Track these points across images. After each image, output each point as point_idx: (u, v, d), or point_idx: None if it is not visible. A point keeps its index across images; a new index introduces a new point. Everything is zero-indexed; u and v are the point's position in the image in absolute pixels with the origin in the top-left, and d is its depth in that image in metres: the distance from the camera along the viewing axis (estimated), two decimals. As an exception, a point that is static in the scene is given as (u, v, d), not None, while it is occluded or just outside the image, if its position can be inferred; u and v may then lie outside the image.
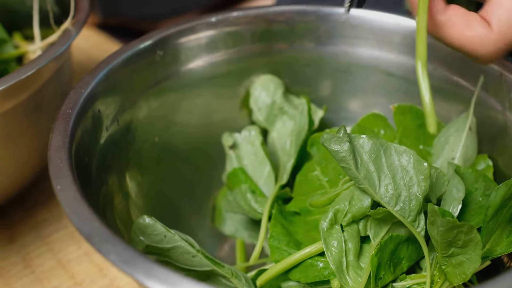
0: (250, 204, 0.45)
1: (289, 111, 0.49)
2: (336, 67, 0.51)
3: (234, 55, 0.50)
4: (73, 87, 0.41)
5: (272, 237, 0.42)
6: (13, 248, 0.51)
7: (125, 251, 0.29)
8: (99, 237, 0.30)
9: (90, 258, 0.50)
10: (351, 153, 0.37)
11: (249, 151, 0.49)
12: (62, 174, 0.34)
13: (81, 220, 0.31)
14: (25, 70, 0.44)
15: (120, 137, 0.44)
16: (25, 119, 0.48)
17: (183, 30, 0.48)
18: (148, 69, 0.46)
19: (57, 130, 0.37)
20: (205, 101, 0.50)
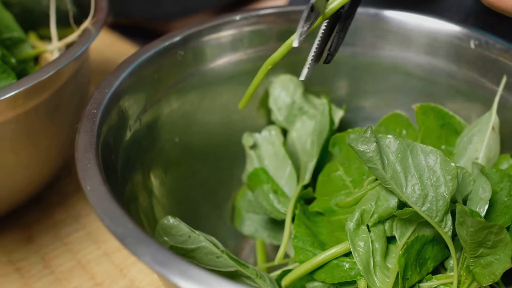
0: (272, 205, 0.45)
1: (309, 111, 0.49)
2: (355, 67, 0.51)
3: (254, 54, 0.50)
4: (97, 87, 0.41)
5: (296, 238, 0.41)
6: (32, 248, 0.51)
7: (159, 252, 0.29)
8: (132, 239, 0.30)
9: (109, 258, 0.50)
10: (378, 153, 0.37)
11: (269, 151, 0.49)
12: (91, 174, 0.34)
13: (113, 221, 0.31)
14: (47, 69, 0.43)
15: (143, 136, 0.44)
16: (45, 119, 0.47)
17: (204, 29, 0.47)
18: (170, 69, 0.46)
19: (83, 130, 0.37)
20: (225, 100, 0.50)
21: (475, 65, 0.47)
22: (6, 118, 0.44)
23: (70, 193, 0.57)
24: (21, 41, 0.53)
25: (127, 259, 0.50)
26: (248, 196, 0.50)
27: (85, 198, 0.53)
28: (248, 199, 0.48)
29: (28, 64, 0.52)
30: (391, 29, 0.49)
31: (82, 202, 0.56)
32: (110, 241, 0.51)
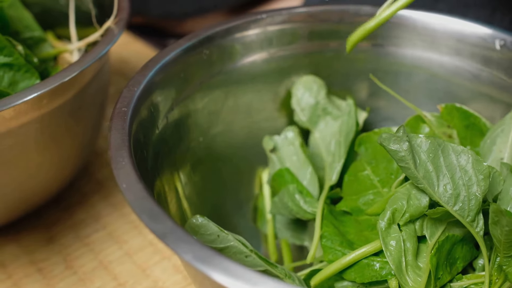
0: (299, 205, 0.45)
1: (333, 112, 0.49)
2: (377, 67, 0.51)
3: (277, 54, 0.50)
4: (126, 85, 0.41)
5: (325, 237, 0.41)
6: (54, 248, 0.51)
7: (201, 250, 0.29)
8: (173, 236, 0.30)
9: (131, 259, 0.50)
10: (410, 152, 0.37)
11: (290, 153, 0.49)
12: (126, 172, 0.34)
13: (152, 219, 0.31)
14: (73, 69, 0.43)
15: (170, 135, 0.44)
16: (68, 119, 0.47)
17: (229, 29, 0.47)
18: (196, 67, 0.46)
19: (115, 128, 0.37)
20: (247, 100, 0.50)
21: (500, 65, 0.47)
22: (31, 118, 0.43)
23: (89, 193, 0.56)
24: (41, 40, 0.52)
25: (150, 259, 0.49)
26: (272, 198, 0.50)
27: (104, 198, 0.53)
28: (272, 201, 0.48)
29: (48, 63, 0.52)
30: (415, 30, 0.49)
31: (102, 202, 0.55)
32: (131, 241, 0.51)
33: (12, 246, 0.51)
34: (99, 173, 0.59)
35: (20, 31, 0.51)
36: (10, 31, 0.49)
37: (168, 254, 0.50)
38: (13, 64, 0.45)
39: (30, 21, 0.53)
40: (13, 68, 0.45)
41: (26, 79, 0.46)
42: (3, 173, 0.45)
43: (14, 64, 0.45)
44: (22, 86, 0.46)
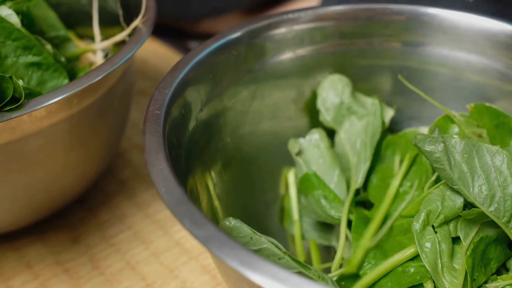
0: (325, 211, 0.45)
1: (358, 111, 0.49)
2: (403, 66, 0.51)
3: (302, 54, 0.50)
4: (156, 88, 0.40)
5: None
6: (79, 249, 0.51)
7: (246, 255, 0.29)
8: (216, 241, 0.30)
9: (158, 259, 0.50)
10: (445, 153, 0.37)
11: (316, 156, 0.49)
12: (164, 176, 0.33)
13: (194, 224, 0.31)
14: (104, 68, 0.43)
15: (199, 136, 0.43)
16: (95, 119, 0.47)
17: (257, 28, 0.47)
18: (223, 68, 0.46)
19: (149, 131, 0.37)
20: (273, 100, 0.50)
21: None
22: (61, 118, 0.43)
23: (112, 193, 0.56)
24: (66, 40, 0.52)
25: (177, 260, 0.49)
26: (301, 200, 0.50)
27: (128, 198, 0.53)
28: (302, 204, 0.48)
29: (74, 63, 0.52)
30: (442, 28, 0.49)
31: (126, 202, 0.55)
32: (157, 241, 0.51)
33: (38, 246, 0.51)
34: (122, 173, 0.59)
35: (45, 31, 0.51)
36: (36, 31, 0.49)
37: (195, 254, 0.50)
38: (41, 64, 0.45)
39: (54, 21, 0.52)
40: (41, 68, 0.45)
41: (54, 79, 0.46)
42: (31, 174, 0.45)
43: (43, 63, 0.45)
44: (51, 86, 0.46)
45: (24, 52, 0.45)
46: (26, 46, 0.45)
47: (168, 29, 0.81)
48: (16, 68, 0.45)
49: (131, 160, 0.60)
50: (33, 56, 0.45)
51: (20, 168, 0.44)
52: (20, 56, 0.45)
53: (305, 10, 0.49)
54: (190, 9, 0.76)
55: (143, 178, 0.58)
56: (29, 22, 0.49)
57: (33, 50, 0.45)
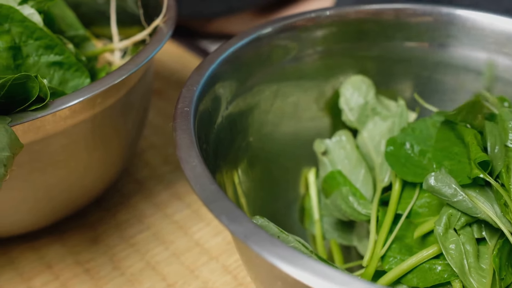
0: (353, 207, 0.45)
1: (382, 112, 0.49)
2: (424, 66, 0.51)
3: (325, 53, 0.50)
4: (184, 85, 0.40)
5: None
6: (99, 249, 0.50)
7: (286, 251, 0.29)
8: (256, 237, 0.29)
9: (179, 259, 0.49)
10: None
11: (341, 156, 0.49)
12: (198, 174, 0.33)
13: (232, 220, 0.30)
14: (128, 67, 0.43)
15: (224, 135, 0.43)
16: (116, 119, 0.47)
17: (280, 27, 0.47)
18: (247, 66, 0.46)
19: (180, 128, 0.37)
20: (294, 100, 0.50)
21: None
22: (84, 118, 0.43)
23: (130, 193, 0.56)
24: (85, 39, 0.52)
25: (197, 260, 0.49)
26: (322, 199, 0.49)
27: (146, 198, 0.53)
28: (324, 203, 0.48)
29: (93, 62, 0.51)
30: (464, 29, 0.49)
31: (144, 202, 0.55)
32: (177, 241, 0.51)
33: (57, 247, 0.50)
34: (139, 173, 0.58)
35: (64, 30, 0.50)
36: (56, 30, 0.49)
37: (215, 254, 0.49)
38: (63, 63, 0.45)
39: (73, 20, 0.52)
40: (63, 67, 0.45)
41: (76, 78, 0.45)
42: (54, 174, 0.45)
43: (65, 62, 0.45)
44: (72, 85, 0.45)
45: (46, 52, 0.44)
46: (48, 45, 0.44)
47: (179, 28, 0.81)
48: (38, 68, 0.45)
49: (148, 160, 0.60)
50: (55, 56, 0.45)
51: (43, 168, 0.44)
52: (42, 55, 0.44)
53: (327, 10, 0.49)
54: (205, 8, 0.76)
55: (160, 178, 0.57)
56: (49, 21, 0.48)
57: (55, 49, 0.45)
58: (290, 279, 0.29)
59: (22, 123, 0.38)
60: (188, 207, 0.54)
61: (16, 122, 0.38)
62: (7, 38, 0.43)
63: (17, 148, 0.38)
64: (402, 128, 0.46)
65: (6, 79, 0.38)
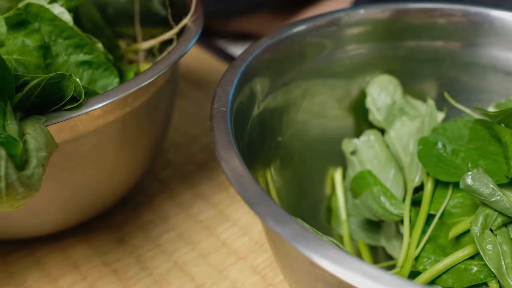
0: (384, 207, 0.44)
1: (410, 112, 0.49)
2: (452, 66, 0.51)
3: (352, 53, 0.49)
4: (218, 85, 0.40)
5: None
6: (126, 249, 0.50)
7: (335, 253, 0.28)
8: (303, 238, 0.29)
9: (206, 260, 0.49)
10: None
11: (370, 156, 0.48)
12: (240, 175, 0.33)
13: (279, 222, 0.30)
14: (160, 66, 0.43)
15: (256, 135, 0.43)
16: (145, 119, 0.47)
17: (309, 28, 0.47)
18: (277, 66, 0.45)
19: (218, 128, 0.36)
20: (322, 99, 0.50)
21: None
22: (115, 117, 0.43)
23: (154, 193, 0.56)
24: (111, 39, 0.52)
25: (225, 260, 0.49)
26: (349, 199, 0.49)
27: (170, 198, 0.52)
28: (353, 203, 0.48)
29: (120, 62, 0.51)
30: (492, 28, 0.49)
31: (168, 202, 0.55)
32: (204, 242, 0.51)
33: (83, 247, 0.50)
34: (162, 173, 0.58)
35: (91, 30, 0.50)
36: (84, 29, 0.48)
37: (243, 255, 0.49)
38: (92, 62, 0.44)
39: (99, 20, 0.52)
40: (92, 66, 0.44)
41: (105, 78, 0.45)
42: (83, 174, 0.44)
43: (94, 62, 0.44)
44: (101, 84, 0.45)
45: (76, 51, 0.44)
46: (78, 44, 0.44)
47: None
48: (67, 67, 0.44)
49: (170, 159, 0.59)
50: (84, 55, 0.44)
51: (73, 168, 0.43)
52: (71, 54, 0.44)
53: (355, 9, 0.49)
54: (228, 6, 0.75)
55: (183, 178, 0.57)
56: (78, 21, 0.48)
57: (85, 48, 0.44)
58: (335, 281, 0.29)
59: (56, 123, 0.38)
60: (213, 207, 0.54)
61: (51, 121, 0.38)
62: (36, 37, 0.42)
63: (53, 148, 0.37)
64: (434, 128, 0.45)
65: (41, 78, 0.37)
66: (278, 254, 0.38)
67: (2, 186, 0.32)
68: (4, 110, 0.36)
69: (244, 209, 0.54)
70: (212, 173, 0.58)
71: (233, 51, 0.77)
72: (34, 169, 0.34)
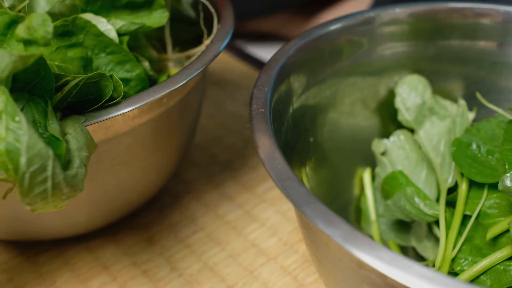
0: (419, 208, 0.44)
1: (440, 112, 0.49)
2: (480, 65, 0.51)
3: (381, 52, 0.49)
4: (254, 86, 0.40)
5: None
6: (155, 250, 0.50)
7: (389, 254, 0.28)
8: (355, 241, 0.29)
9: (236, 260, 0.49)
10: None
11: (401, 156, 0.48)
12: (286, 176, 0.33)
13: (327, 223, 0.30)
14: (195, 66, 0.43)
15: (290, 136, 0.43)
16: (178, 118, 0.47)
17: (339, 28, 0.47)
18: (311, 66, 0.45)
19: (258, 130, 0.36)
20: (352, 99, 0.50)
21: None
22: (150, 118, 0.43)
23: (180, 194, 0.56)
24: (143, 47, 0.51)
25: (255, 261, 0.49)
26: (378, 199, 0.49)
27: (196, 199, 0.52)
28: (385, 204, 0.48)
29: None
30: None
31: (194, 203, 0.55)
32: (233, 242, 0.51)
33: (112, 248, 0.50)
34: (187, 173, 0.58)
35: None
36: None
37: (273, 255, 0.49)
38: (130, 80, 0.44)
39: (141, 39, 0.52)
40: (128, 84, 0.44)
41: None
42: (116, 174, 0.44)
43: (132, 79, 0.44)
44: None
45: (117, 66, 0.44)
46: (121, 60, 0.43)
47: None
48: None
49: (195, 160, 0.59)
50: (124, 72, 0.44)
51: (106, 169, 0.43)
52: (111, 70, 0.44)
53: (384, 9, 0.49)
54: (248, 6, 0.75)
55: (208, 179, 0.57)
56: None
57: (126, 65, 0.44)
58: (382, 282, 0.29)
59: (94, 123, 0.38)
60: (239, 207, 0.54)
61: (90, 121, 0.38)
62: (78, 50, 0.42)
63: (92, 148, 0.37)
64: (467, 129, 0.45)
65: (80, 77, 0.37)
66: (319, 255, 0.37)
67: (49, 186, 0.32)
68: (45, 110, 0.36)
69: (271, 209, 0.54)
70: (236, 173, 0.58)
71: (252, 51, 0.77)
72: (77, 169, 0.34)
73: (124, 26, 0.44)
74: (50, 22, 0.32)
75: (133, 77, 0.44)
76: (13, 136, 0.31)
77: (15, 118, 0.31)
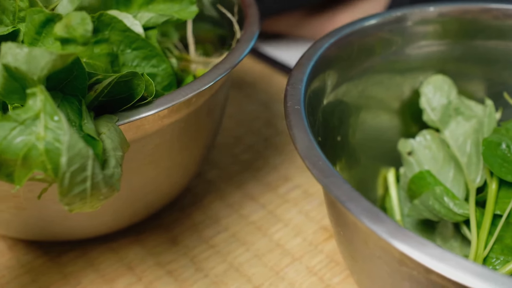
0: (448, 207, 0.44)
1: (465, 112, 0.49)
2: (506, 66, 0.51)
3: (407, 52, 0.49)
4: (287, 83, 0.40)
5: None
6: (179, 250, 0.50)
7: (434, 249, 0.28)
8: (403, 237, 0.29)
9: (261, 260, 0.49)
10: None
11: (427, 156, 0.48)
12: (329, 173, 0.33)
13: (374, 220, 0.30)
14: (224, 66, 0.42)
15: (321, 134, 0.43)
16: (205, 118, 0.46)
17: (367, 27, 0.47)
18: (340, 65, 0.45)
19: (296, 127, 0.36)
20: (378, 99, 0.49)
21: None
22: (178, 117, 0.42)
23: (202, 193, 0.55)
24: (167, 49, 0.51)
25: (280, 261, 0.48)
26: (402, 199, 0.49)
27: (219, 198, 0.52)
28: (413, 204, 0.47)
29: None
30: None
31: (217, 203, 0.54)
32: (258, 243, 0.50)
33: (136, 248, 0.50)
34: (209, 173, 0.58)
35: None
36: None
37: (298, 256, 0.49)
38: (156, 75, 0.44)
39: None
40: (155, 79, 0.44)
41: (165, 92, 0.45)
42: (144, 174, 0.44)
43: (158, 75, 0.44)
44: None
45: (143, 61, 0.43)
46: (147, 55, 0.43)
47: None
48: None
49: (216, 160, 0.59)
50: (150, 67, 0.44)
51: (134, 169, 0.43)
52: (137, 66, 0.43)
53: (411, 9, 0.48)
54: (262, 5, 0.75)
55: (231, 179, 0.57)
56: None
57: (152, 60, 0.43)
58: (425, 279, 0.29)
59: (126, 123, 0.38)
60: (263, 207, 0.54)
61: (122, 121, 0.37)
62: (104, 46, 0.42)
63: (126, 148, 0.37)
64: (495, 129, 0.45)
65: (113, 77, 0.37)
66: (354, 253, 0.37)
67: (88, 186, 0.32)
68: (79, 109, 0.36)
69: (294, 209, 0.54)
70: (258, 173, 0.58)
71: (266, 50, 0.77)
72: (113, 169, 0.34)
73: (152, 18, 0.44)
74: (89, 21, 0.32)
75: (159, 72, 0.43)
76: (52, 136, 0.31)
77: (54, 117, 0.31)
